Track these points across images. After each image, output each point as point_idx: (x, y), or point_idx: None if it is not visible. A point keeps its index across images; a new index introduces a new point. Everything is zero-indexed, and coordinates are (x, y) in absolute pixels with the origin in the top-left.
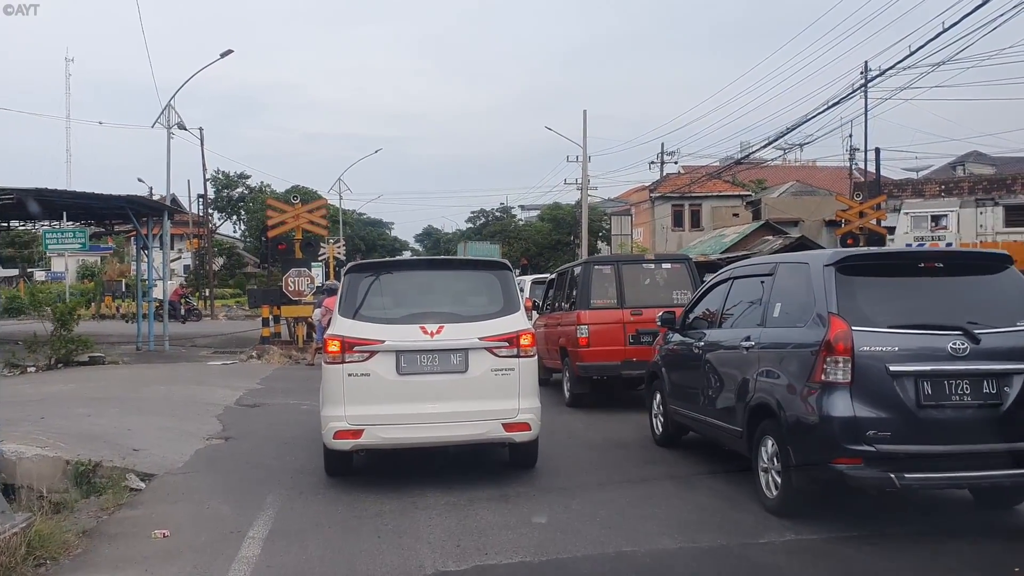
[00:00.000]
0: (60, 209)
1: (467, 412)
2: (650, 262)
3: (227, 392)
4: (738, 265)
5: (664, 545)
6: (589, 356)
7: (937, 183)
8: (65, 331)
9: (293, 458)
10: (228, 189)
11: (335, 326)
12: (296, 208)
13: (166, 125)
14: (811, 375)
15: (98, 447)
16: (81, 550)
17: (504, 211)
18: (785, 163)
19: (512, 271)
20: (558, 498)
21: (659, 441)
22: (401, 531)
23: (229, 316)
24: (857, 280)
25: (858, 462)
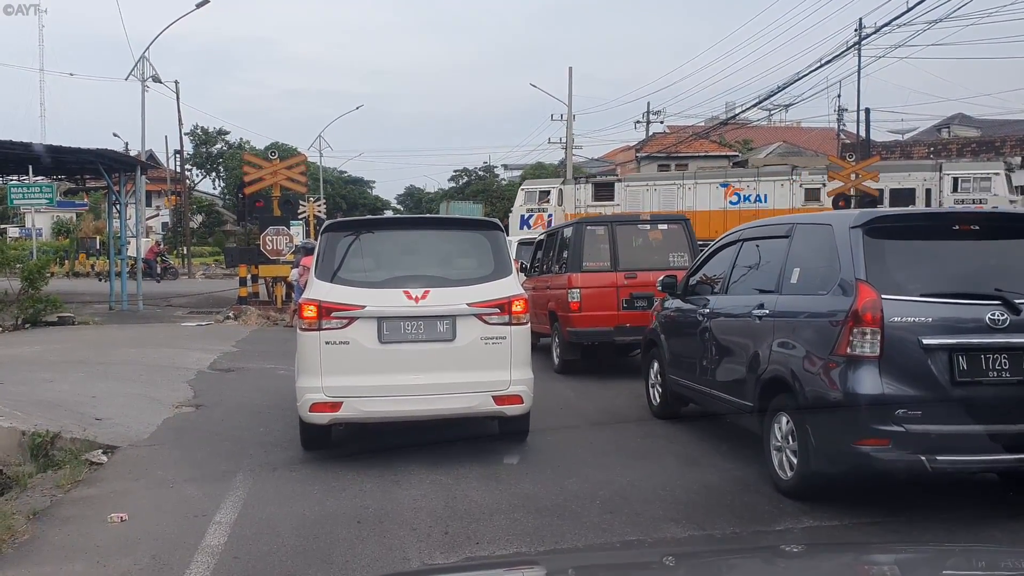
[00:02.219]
0: (28, 163)
1: (455, 384)
2: (645, 222)
3: (201, 355)
4: (749, 226)
5: (672, 532)
6: (580, 321)
7: (925, 145)
8: (33, 290)
9: (267, 429)
10: (207, 145)
11: (311, 290)
12: (274, 164)
13: (140, 78)
14: (835, 347)
15: (58, 416)
16: (29, 536)
17: (487, 170)
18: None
19: (503, 231)
20: (553, 476)
21: (657, 413)
22: (383, 515)
23: (207, 275)
24: (886, 243)
25: (885, 443)
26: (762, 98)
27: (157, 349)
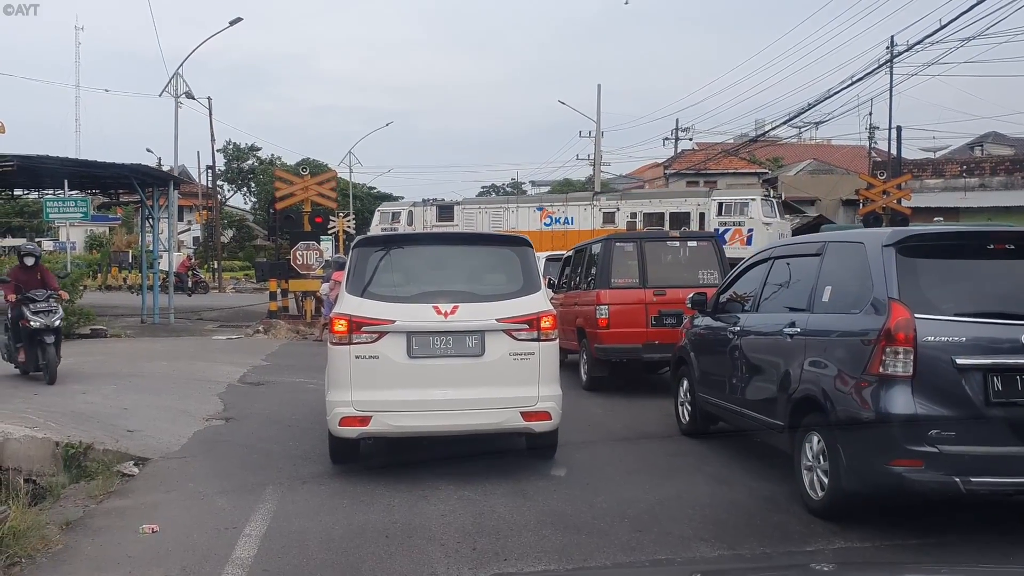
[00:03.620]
0: (64, 177)
1: (483, 399)
2: (675, 239)
3: (231, 369)
4: (780, 244)
5: (701, 551)
6: (609, 338)
7: (958, 163)
8: (68, 303)
9: (296, 443)
10: (238, 161)
11: (341, 304)
12: (305, 180)
13: (174, 94)
14: (867, 367)
15: (91, 427)
16: (62, 546)
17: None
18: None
19: (532, 247)
20: (581, 494)
21: (686, 431)
22: (411, 530)
23: (237, 289)
24: (919, 262)
25: (919, 464)
26: (792, 115)
27: (188, 362)
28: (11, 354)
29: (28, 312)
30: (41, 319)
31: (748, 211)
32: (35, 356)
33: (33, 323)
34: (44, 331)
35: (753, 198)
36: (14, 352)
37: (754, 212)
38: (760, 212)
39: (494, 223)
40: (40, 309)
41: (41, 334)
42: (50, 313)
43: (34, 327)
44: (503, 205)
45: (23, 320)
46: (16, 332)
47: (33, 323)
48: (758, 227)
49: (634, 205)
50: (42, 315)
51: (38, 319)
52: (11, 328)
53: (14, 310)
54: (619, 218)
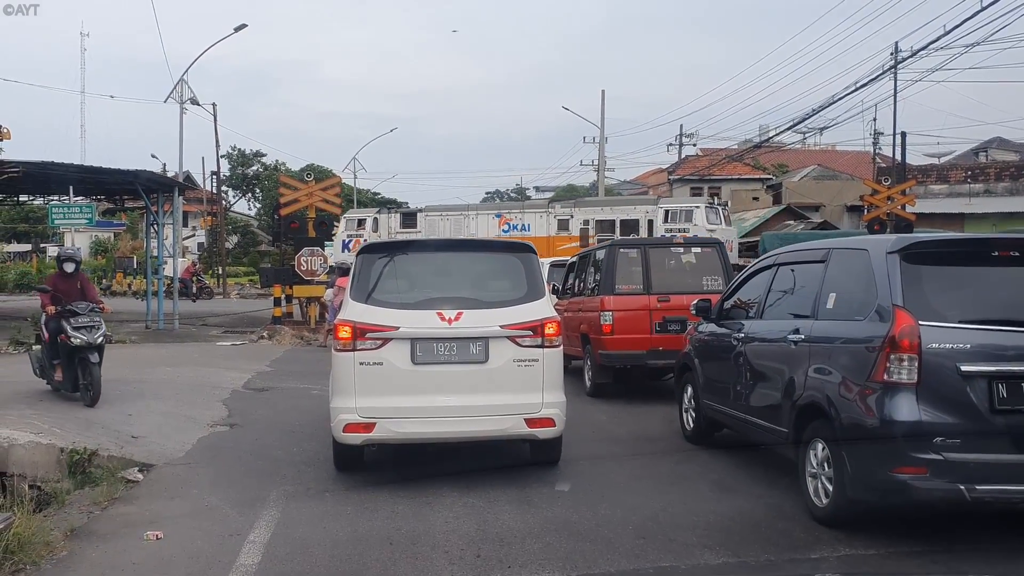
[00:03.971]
0: (68, 183)
1: (487, 406)
2: (679, 245)
3: (235, 375)
4: (784, 250)
5: (706, 559)
6: (613, 344)
7: (962, 169)
8: None
9: (301, 449)
10: (243, 167)
11: (346, 310)
12: (309, 186)
13: (179, 100)
14: (871, 374)
15: (96, 434)
16: (66, 552)
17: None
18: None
19: (536, 254)
20: (585, 501)
21: (690, 437)
22: (416, 537)
23: (241, 295)
24: (924, 269)
25: (923, 471)
26: (797, 121)
27: (192, 368)
28: (45, 370)
29: (69, 327)
30: (83, 335)
31: (693, 218)
32: (74, 375)
33: (74, 340)
34: (87, 348)
35: (698, 206)
36: (49, 369)
37: (698, 219)
38: (704, 219)
39: (455, 230)
40: (82, 324)
41: (83, 352)
42: (93, 329)
43: (75, 344)
44: (463, 212)
45: (62, 335)
46: (53, 347)
47: (74, 340)
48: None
49: (587, 212)
50: (84, 331)
51: (80, 335)
52: (48, 342)
53: (52, 323)
54: (573, 225)
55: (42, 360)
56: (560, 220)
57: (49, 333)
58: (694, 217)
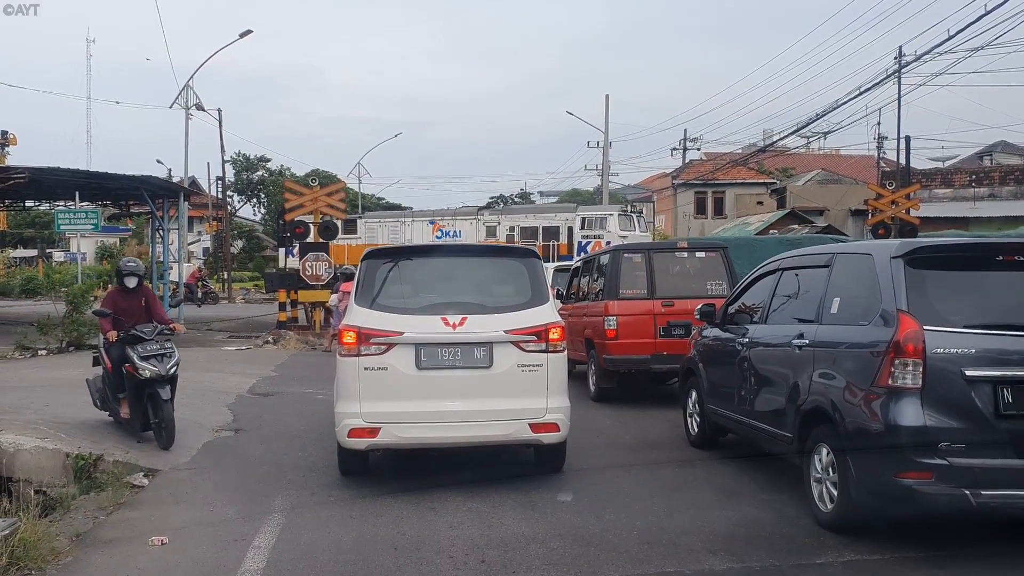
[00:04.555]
0: (75, 189)
1: (491, 411)
2: (683, 250)
3: (240, 379)
4: (788, 255)
5: (710, 565)
6: (617, 349)
7: (967, 172)
8: (77, 314)
9: (305, 454)
10: (248, 172)
11: (351, 315)
12: (314, 191)
13: (184, 106)
14: (876, 379)
15: (101, 439)
16: (71, 558)
17: (523, 197)
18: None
19: (540, 259)
20: (590, 506)
21: (694, 442)
22: (420, 542)
23: (246, 300)
24: (928, 274)
25: (928, 476)
26: (801, 125)
27: (198, 373)
28: (108, 403)
29: (135, 356)
30: (153, 366)
31: (607, 225)
32: (144, 412)
33: (143, 372)
34: (157, 381)
35: (611, 213)
36: (113, 402)
37: (611, 226)
38: (617, 226)
39: (392, 236)
40: (151, 352)
41: (153, 385)
42: (164, 357)
43: (144, 377)
44: (400, 219)
45: (128, 365)
46: (118, 378)
47: (143, 372)
48: (615, 239)
49: (513, 220)
50: (154, 360)
51: (149, 366)
52: (111, 372)
53: (115, 350)
54: (500, 231)
55: (103, 391)
56: (488, 227)
57: (112, 361)
58: (608, 224)
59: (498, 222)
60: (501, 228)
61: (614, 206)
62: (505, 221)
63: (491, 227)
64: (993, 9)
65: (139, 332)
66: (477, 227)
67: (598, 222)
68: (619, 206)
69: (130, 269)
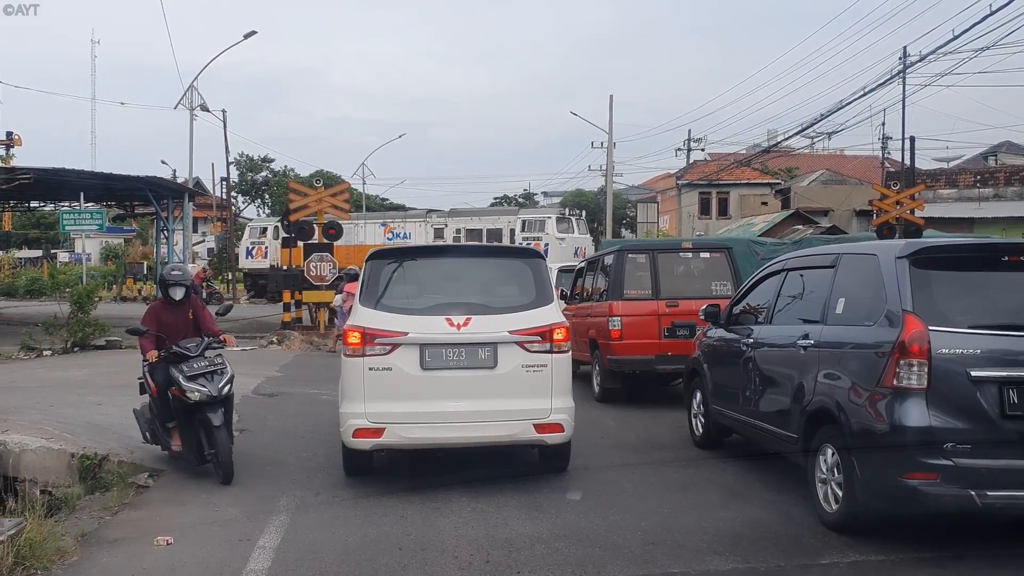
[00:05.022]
0: (80, 190)
1: (496, 411)
2: (688, 250)
3: (245, 380)
4: (793, 256)
5: (715, 565)
6: (621, 349)
7: (971, 173)
8: (82, 314)
9: (310, 454)
10: (252, 172)
11: (355, 316)
12: (318, 192)
13: (189, 107)
14: (881, 379)
15: (106, 439)
16: (77, 558)
17: (527, 197)
18: (813, 152)
19: (544, 259)
20: (595, 506)
21: (699, 443)
22: (425, 542)
23: (251, 300)
24: (933, 274)
25: (934, 477)
26: (805, 126)
27: None
28: (158, 436)
29: (181, 377)
30: (202, 386)
31: (545, 228)
32: (197, 442)
33: (191, 395)
34: (208, 405)
35: (549, 216)
36: (162, 433)
37: (549, 229)
38: (555, 229)
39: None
40: (199, 371)
41: (204, 409)
42: (214, 375)
43: (193, 401)
44: (353, 221)
45: (174, 388)
46: (165, 405)
47: (191, 395)
48: (552, 242)
49: (459, 222)
50: (203, 379)
51: (197, 387)
52: (157, 398)
53: (159, 372)
54: (447, 233)
55: (152, 421)
56: (436, 229)
57: (157, 385)
58: (546, 227)
59: (445, 224)
60: (448, 230)
61: (552, 209)
62: (452, 224)
63: (439, 229)
64: (998, 9)
65: (183, 348)
66: (426, 229)
67: (537, 225)
68: (557, 209)
69: (175, 279)
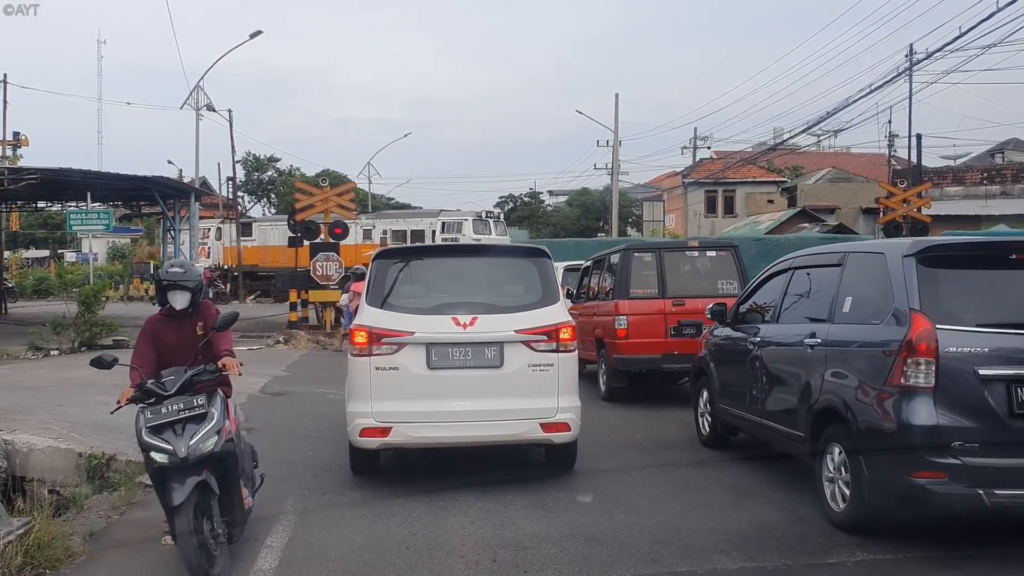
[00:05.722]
0: (86, 190)
1: (502, 410)
2: (694, 249)
3: (252, 379)
4: (800, 254)
5: (722, 564)
6: (628, 348)
7: (978, 171)
8: (90, 314)
9: (317, 453)
10: (258, 172)
11: (362, 315)
12: (324, 191)
13: (195, 107)
14: (888, 378)
15: (113, 438)
16: (85, 557)
17: (532, 196)
18: (819, 149)
19: (551, 258)
20: (601, 505)
21: (706, 442)
22: (432, 541)
23: (257, 300)
24: (940, 273)
25: (941, 476)
26: (811, 123)
27: None
28: None
29: (143, 429)
30: (163, 443)
31: (462, 229)
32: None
33: (156, 456)
34: (178, 472)
35: (466, 218)
36: None
37: (466, 230)
38: (471, 230)
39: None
40: (166, 418)
41: (172, 478)
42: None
43: (159, 464)
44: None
45: None
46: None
47: (156, 456)
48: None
49: (385, 223)
50: (169, 432)
51: (159, 443)
52: None
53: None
54: (375, 234)
55: None
56: (365, 230)
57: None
58: (463, 228)
59: (373, 225)
60: (376, 231)
61: (469, 212)
62: (380, 224)
63: (367, 230)
64: (1005, 6)
65: (155, 386)
66: (356, 230)
67: (455, 226)
68: (474, 212)
69: (176, 278)
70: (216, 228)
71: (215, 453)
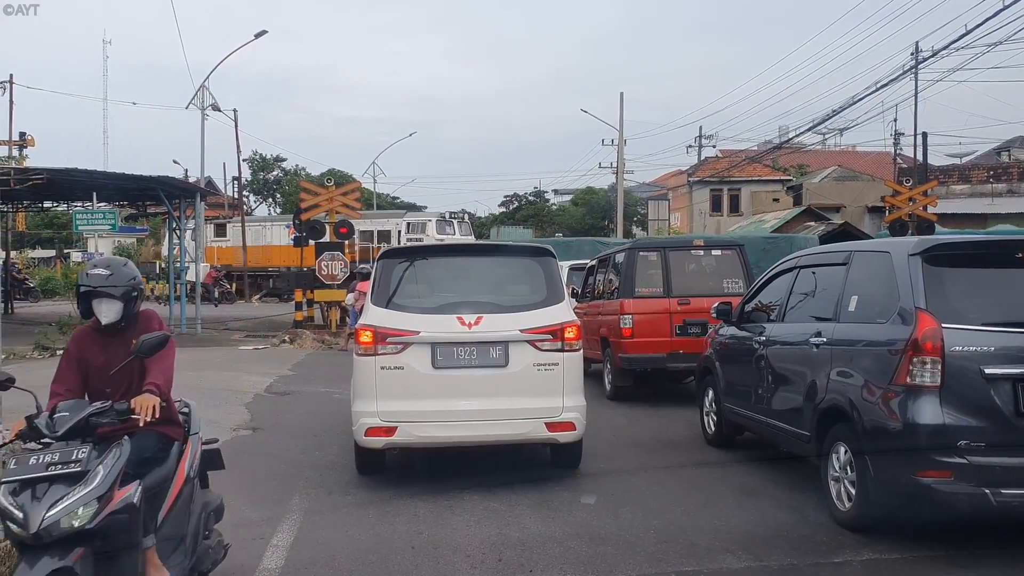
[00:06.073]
0: (92, 190)
1: (507, 410)
2: (699, 248)
3: (258, 379)
4: (805, 253)
5: (728, 564)
6: (633, 347)
7: (984, 169)
8: None
9: (323, 452)
10: (264, 172)
11: (367, 315)
12: (330, 191)
13: (200, 106)
14: (894, 377)
15: None
16: None
17: (538, 195)
18: (825, 148)
19: (555, 258)
20: (606, 504)
21: (711, 441)
22: (437, 541)
23: (263, 299)
24: (946, 271)
25: (947, 475)
26: (817, 122)
27: (215, 372)
28: None
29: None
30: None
31: (426, 229)
32: None
33: (12, 526)
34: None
35: (430, 219)
36: None
37: (430, 230)
38: (435, 230)
39: (255, 238)
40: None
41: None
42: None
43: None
44: (262, 223)
45: None
46: None
47: (12, 526)
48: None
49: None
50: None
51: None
52: None
53: None
54: None
55: None
56: None
57: None
58: (427, 229)
59: None
60: None
61: (433, 213)
62: None
63: None
64: (1011, 4)
65: (44, 423)
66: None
67: (420, 227)
68: (438, 213)
69: (96, 282)
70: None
71: (88, 530)
